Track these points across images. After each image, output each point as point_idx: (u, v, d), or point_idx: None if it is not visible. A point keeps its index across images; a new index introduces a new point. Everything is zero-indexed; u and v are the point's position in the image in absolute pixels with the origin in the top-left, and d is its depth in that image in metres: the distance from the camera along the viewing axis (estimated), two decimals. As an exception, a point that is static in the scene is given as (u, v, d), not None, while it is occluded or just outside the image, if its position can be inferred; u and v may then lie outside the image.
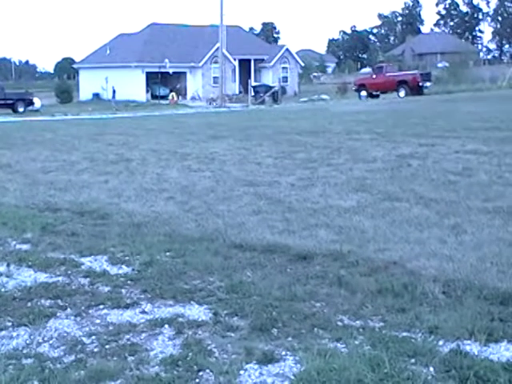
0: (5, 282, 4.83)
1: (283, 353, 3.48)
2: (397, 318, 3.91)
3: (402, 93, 37.88)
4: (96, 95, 47.02)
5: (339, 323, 3.90)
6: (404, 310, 4.03)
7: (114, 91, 42.51)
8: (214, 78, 46.76)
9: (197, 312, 4.16)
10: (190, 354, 3.47)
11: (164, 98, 44.54)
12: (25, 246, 5.90)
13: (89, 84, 48.56)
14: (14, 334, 3.84)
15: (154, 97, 45.47)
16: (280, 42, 64.40)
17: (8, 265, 5.24)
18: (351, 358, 3.31)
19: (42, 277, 4.96)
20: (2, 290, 4.63)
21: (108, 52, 48.88)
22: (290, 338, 3.67)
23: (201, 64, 47.55)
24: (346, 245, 5.48)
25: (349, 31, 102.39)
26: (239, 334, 3.77)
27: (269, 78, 51.10)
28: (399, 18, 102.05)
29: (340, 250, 5.32)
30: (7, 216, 7.08)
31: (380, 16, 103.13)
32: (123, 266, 5.22)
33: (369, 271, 4.83)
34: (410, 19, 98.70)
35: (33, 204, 7.77)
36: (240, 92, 48.07)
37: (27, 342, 3.71)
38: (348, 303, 4.20)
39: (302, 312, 4.05)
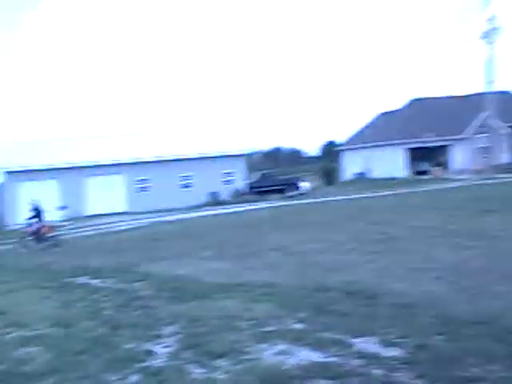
0: (285, 359, 5.11)
1: None
2: None
3: None
4: (359, 174, 48.55)
5: None
6: None
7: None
8: (481, 148, 44.54)
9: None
10: None
11: (425, 173, 43.87)
12: (299, 326, 6.20)
13: (351, 164, 50.51)
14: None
15: (414, 172, 45.14)
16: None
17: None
18: None
19: (317, 356, 5.13)
20: (283, 367, 4.90)
21: (369, 132, 50.52)
22: None
23: (466, 135, 45.87)
24: None
25: None
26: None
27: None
28: None
29: None
30: (283, 296, 7.57)
31: None
32: (395, 349, 5.12)
33: None
34: None
35: (304, 284, 8.18)
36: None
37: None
38: None
39: None
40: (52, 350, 5.93)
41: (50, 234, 18.07)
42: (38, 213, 18.50)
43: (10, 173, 35.85)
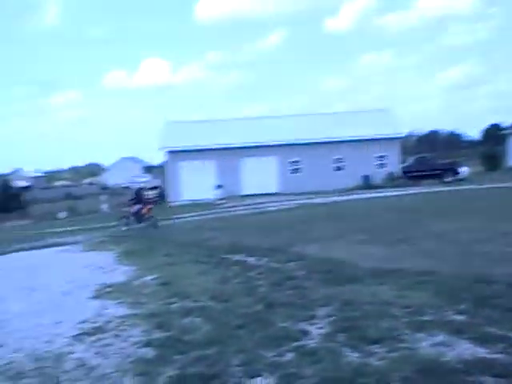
0: (444, 351, 4.88)
1: None
2: None
3: None
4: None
5: None
6: None
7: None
8: None
9: None
10: None
11: None
12: (460, 317, 5.87)
13: (519, 149, 46.77)
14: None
15: None
16: None
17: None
18: None
19: (481, 351, 4.82)
20: (441, 359, 4.68)
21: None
22: None
23: None
24: None
25: None
26: None
27: None
28: None
29: None
30: (440, 285, 7.22)
31: None
32: None
33: None
34: None
35: (464, 274, 7.73)
36: None
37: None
38: None
39: None
40: (212, 322, 6.23)
41: (148, 215, 20.26)
42: (139, 197, 20.94)
43: (172, 152, 38.22)
